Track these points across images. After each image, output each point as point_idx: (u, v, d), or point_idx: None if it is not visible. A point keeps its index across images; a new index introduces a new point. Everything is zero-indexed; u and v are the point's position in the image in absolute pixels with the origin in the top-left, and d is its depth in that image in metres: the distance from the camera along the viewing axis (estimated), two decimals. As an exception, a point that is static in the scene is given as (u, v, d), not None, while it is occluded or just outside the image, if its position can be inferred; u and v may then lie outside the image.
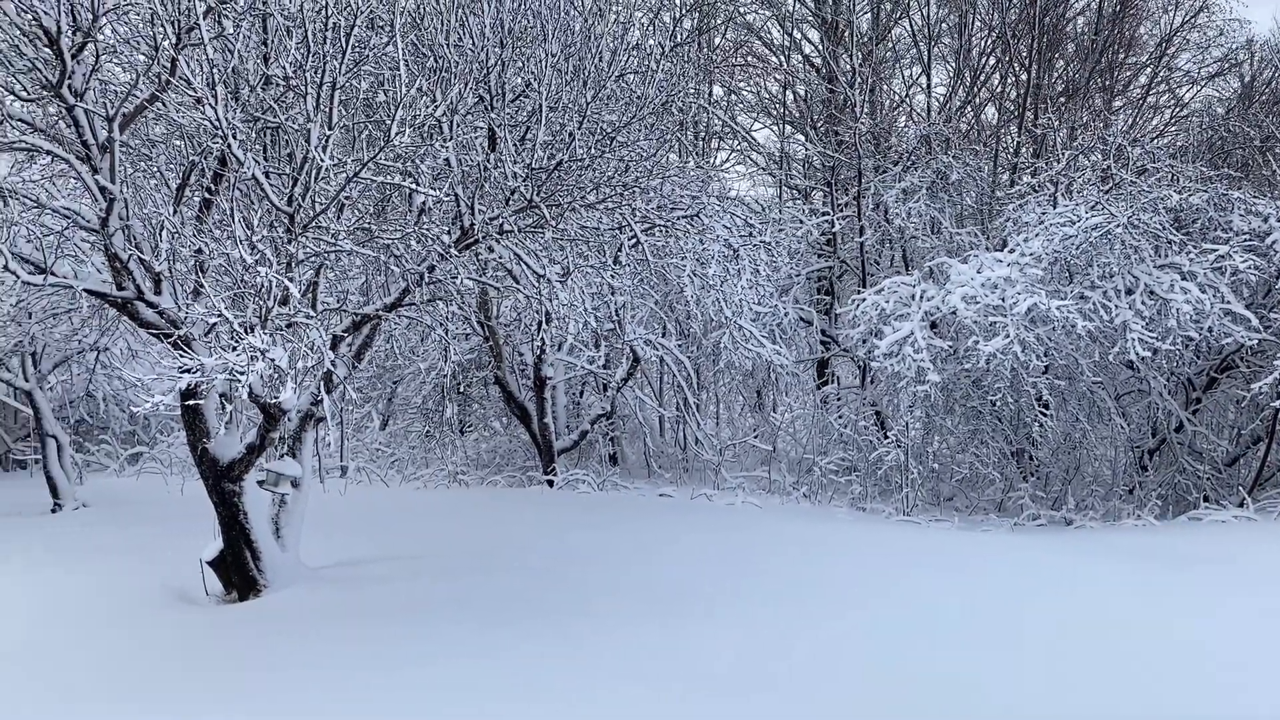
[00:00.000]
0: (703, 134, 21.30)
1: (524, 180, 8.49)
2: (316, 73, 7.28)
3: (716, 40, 21.50)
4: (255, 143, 8.13)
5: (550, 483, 15.13)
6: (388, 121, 7.64)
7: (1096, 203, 13.42)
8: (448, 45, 8.63)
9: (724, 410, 19.17)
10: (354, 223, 8.22)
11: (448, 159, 8.55)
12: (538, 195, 8.50)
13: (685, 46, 19.48)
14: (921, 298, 13.64)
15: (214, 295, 6.89)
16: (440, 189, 8.46)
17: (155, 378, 7.04)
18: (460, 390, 17.79)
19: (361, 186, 8.35)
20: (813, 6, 20.32)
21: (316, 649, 7.48)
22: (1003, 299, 12.99)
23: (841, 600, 8.55)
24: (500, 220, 8.50)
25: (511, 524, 11.91)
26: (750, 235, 15.50)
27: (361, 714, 6.46)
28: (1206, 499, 14.22)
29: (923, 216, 17.28)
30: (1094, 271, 13.25)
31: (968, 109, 20.12)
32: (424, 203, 8.69)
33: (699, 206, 13.40)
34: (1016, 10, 18.31)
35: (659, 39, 17.06)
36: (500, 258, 9.84)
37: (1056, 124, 16.63)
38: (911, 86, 21.39)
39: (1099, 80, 19.23)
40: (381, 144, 7.56)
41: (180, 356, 6.71)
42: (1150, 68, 21.03)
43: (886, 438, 14.97)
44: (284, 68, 7.71)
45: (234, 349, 6.50)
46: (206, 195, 8.34)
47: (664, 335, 16.02)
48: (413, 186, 8.31)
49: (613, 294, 14.20)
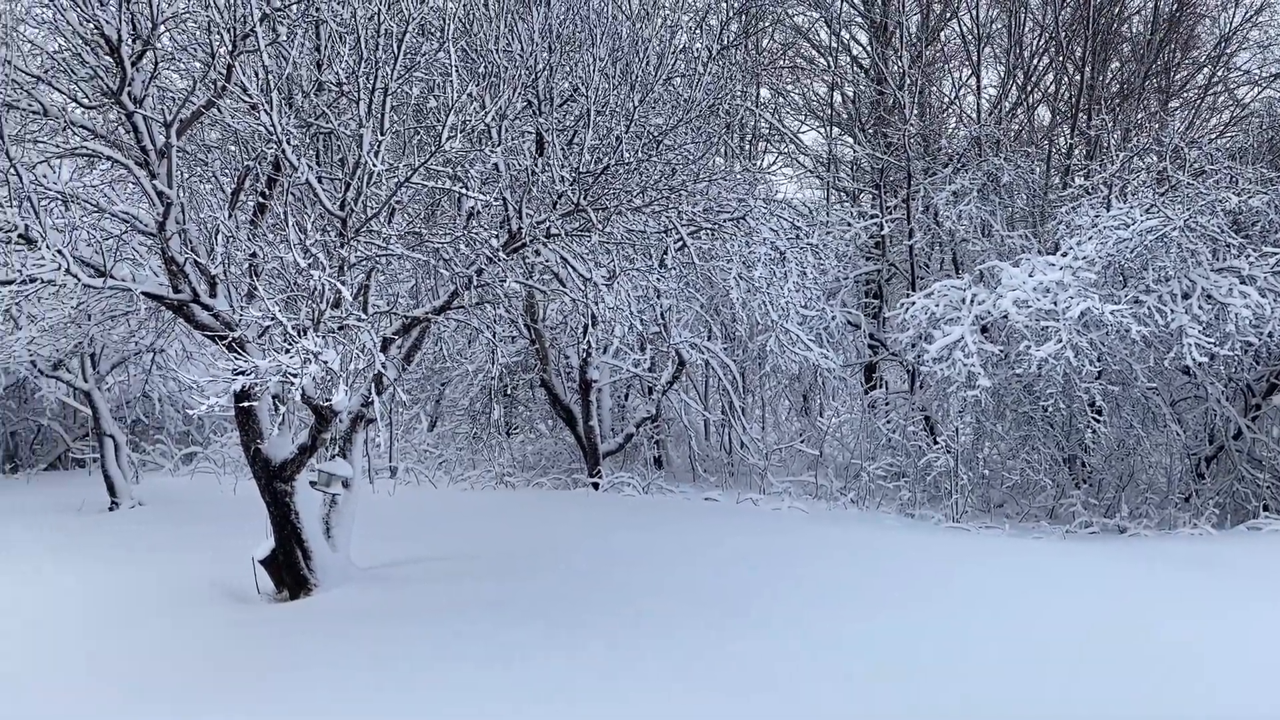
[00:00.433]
0: (749, 137, 21.23)
1: (571, 184, 8.53)
2: (369, 79, 7.37)
3: (764, 43, 21.42)
4: (308, 148, 8.25)
5: (595, 485, 15.16)
6: (438, 127, 7.72)
7: (1152, 205, 13.18)
8: (497, 51, 8.69)
9: (770, 414, 19.08)
10: (405, 227, 8.31)
11: (496, 164, 8.62)
12: (584, 199, 8.53)
13: (732, 49, 19.44)
14: (972, 301, 13.47)
15: (268, 298, 7.00)
16: (489, 193, 8.53)
17: (210, 379, 7.16)
18: (507, 392, 17.90)
19: (412, 191, 8.44)
20: (861, 8, 20.18)
21: (366, 649, 7.56)
22: (1055, 303, 12.79)
23: (887, 605, 8.48)
24: (547, 224, 8.55)
25: (557, 526, 11.95)
26: (797, 238, 15.42)
27: (409, 715, 6.51)
28: (1266, 508, 13.89)
29: (973, 219, 17.07)
30: (1149, 275, 13.00)
31: (1019, 110, 19.85)
32: (473, 207, 8.76)
33: (745, 209, 13.35)
34: (1070, 10, 18.03)
35: (706, 42, 17.05)
36: (547, 261, 9.89)
37: (1111, 125, 16.35)
38: (961, 88, 21.15)
39: (1155, 80, 18.88)
40: (432, 149, 7.64)
41: (235, 358, 6.82)
42: (1208, 67, 20.59)
43: (936, 443, 14.81)
44: (337, 74, 7.82)
45: (287, 351, 6.59)
46: (261, 200, 8.48)
47: (709, 338, 15.99)
48: (462, 191, 8.38)
49: (658, 297, 14.20)
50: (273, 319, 6.84)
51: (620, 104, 8.98)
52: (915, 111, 18.38)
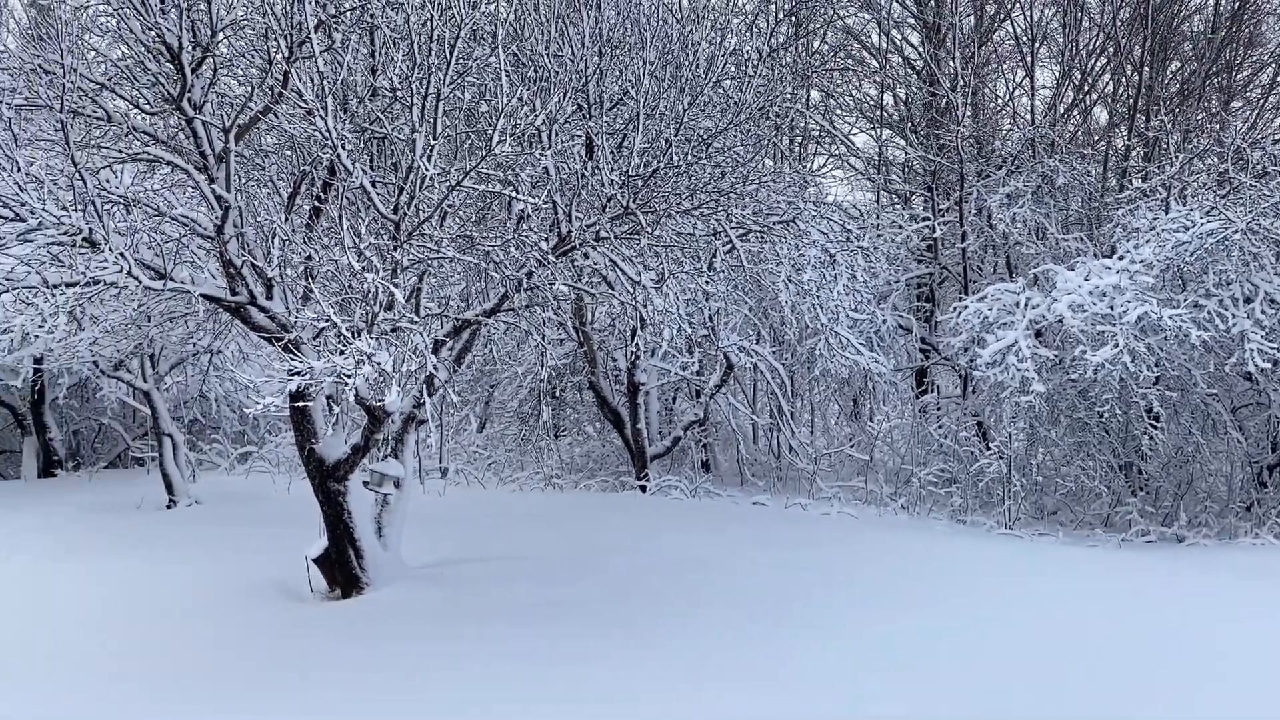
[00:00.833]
0: (799, 139, 21.13)
1: (620, 187, 8.55)
2: (422, 84, 7.45)
3: (814, 44, 21.31)
4: (363, 153, 8.36)
5: (643, 488, 15.17)
6: (489, 131, 7.79)
7: (1213, 208, 12.91)
8: (547, 55, 8.75)
9: (819, 418, 18.97)
10: (456, 230, 8.39)
11: (546, 167, 8.67)
12: (634, 202, 8.55)
13: (782, 51, 19.37)
14: (1026, 305, 13.30)
15: (323, 300, 7.11)
16: (539, 197, 8.58)
17: (266, 380, 7.29)
18: (555, 395, 17.98)
19: (463, 195, 8.52)
20: (914, 9, 20.00)
21: (417, 648, 7.64)
22: (1111, 307, 12.58)
23: (939, 611, 8.39)
24: (597, 227, 8.58)
25: (606, 529, 11.98)
26: (848, 241, 15.32)
27: (459, 715, 6.57)
28: (1331, 518, 13.51)
29: (1027, 222, 16.84)
30: (1209, 279, 12.74)
31: (1075, 111, 19.54)
32: (523, 210, 8.82)
33: (795, 212, 13.30)
34: (1128, 9, 17.72)
35: (756, 44, 17.01)
36: (596, 264, 9.93)
37: (1170, 126, 16.03)
38: (1015, 89, 20.87)
39: (1216, 80, 18.46)
40: (483, 153, 7.71)
41: (290, 360, 6.93)
42: (1272, 66, 20.10)
43: (988, 449, 14.63)
44: (391, 79, 7.92)
45: (342, 353, 6.69)
46: (316, 204, 8.61)
47: (758, 342, 15.94)
48: (513, 194, 8.44)
49: (707, 300, 14.18)
50: (328, 321, 6.94)
51: (670, 107, 8.99)
52: (968, 113, 18.17)
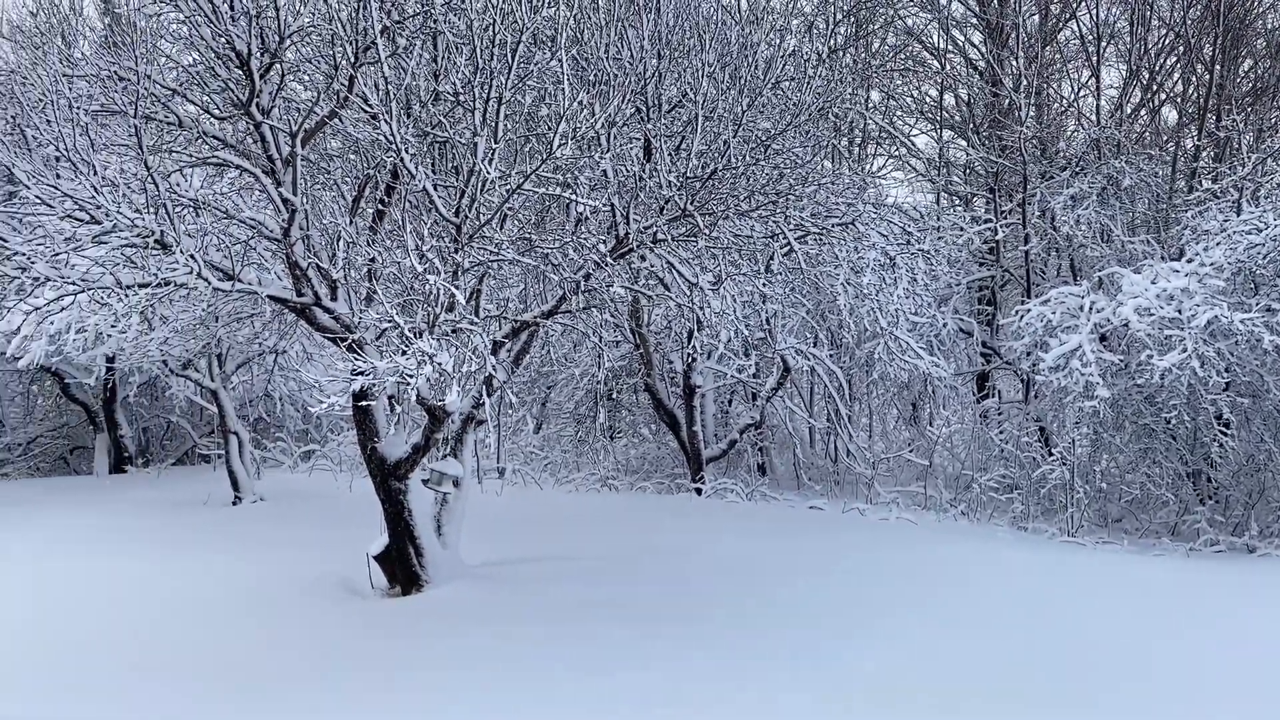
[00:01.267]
0: (859, 140, 20.96)
1: (678, 189, 8.56)
2: (484, 88, 7.53)
3: (874, 45, 21.12)
4: (425, 156, 8.48)
5: (698, 491, 15.15)
6: (549, 134, 7.86)
7: (1287, 209, 12.55)
8: (607, 58, 8.79)
9: (877, 423, 18.78)
10: (515, 232, 8.48)
11: (605, 170, 8.72)
12: (691, 204, 8.56)
13: (842, 52, 19.23)
14: (1091, 309, 13.05)
15: (386, 301, 7.23)
16: (597, 199, 8.63)
17: (330, 379, 7.42)
18: (611, 396, 18.03)
19: (523, 197, 8.60)
20: (976, 9, 19.74)
21: (476, 646, 7.73)
22: (1179, 311, 12.30)
23: (1002, 626, 8.25)
24: (654, 229, 8.60)
25: (661, 531, 11.99)
26: (908, 243, 15.15)
27: (516, 714, 6.62)
28: None
29: (1092, 224, 16.51)
30: (1283, 282, 12.39)
31: (1142, 112, 19.12)
32: (581, 213, 8.88)
33: (854, 214, 13.20)
34: (1200, 6, 17.30)
35: (815, 45, 16.91)
36: (652, 266, 9.95)
37: (1242, 126, 15.62)
38: (1080, 89, 20.48)
39: (1291, 78, 17.95)
40: (543, 156, 7.77)
41: (354, 360, 7.06)
42: (1350, 63, 19.47)
43: (1051, 455, 14.37)
44: (453, 84, 8.03)
45: (404, 353, 6.79)
46: (380, 207, 8.75)
47: (815, 345, 15.83)
48: (571, 197, 8.50)
49: (764, 302, 14.13)
50: (390, 322, 7.06)
51: (728, 109, 8.98)
52: (1031, 113, 17.88)
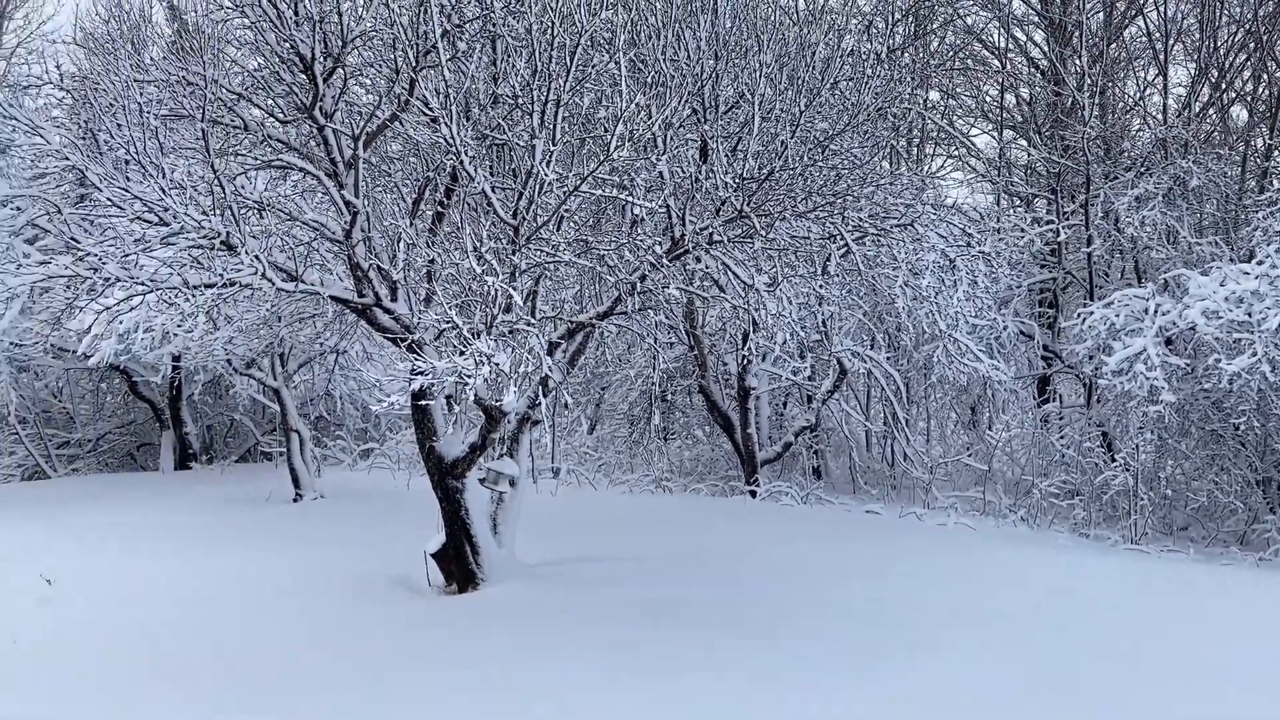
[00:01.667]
0: (917, 140, 20.73)
1: (734, 190, 8.54)
2: (542, 91, 7.59)
3: (934, 44, 20.88)
4: (483, 159, 8.56)
5: (753, 493, 15.10)
6: (606, 136, 7.88)
7: (1364, 209, 12.18)
8: (663, 60, 8.80)
9: (935, 426, 18.55)
10: (572, 234, 8.52)
11: (661, 171, 8.73)
12: (748, 205, 8.54)
13: (901, 51, 19.03)
14: (1156, 312, 12.78)
15: (444, 302, 7.30)
16: (653, 200, 8.64)
17: (389, 379, 7.53)
18: (665, 398, 18.03)
19: (579, 199, 8.65)
20: (1038, 6, 19.42)
21: (532, 643, 7.77)
22: (1249, 314, 12.00)
23: (1067, 635, 8.09)
24: (710, 230, 8.59)
25: (717, 533, 11.97)
26: (968, 245, 14.95)
27: (572, 715, 6.64)
28: None
29: (1157, 225, 16.14)
30: (1360, 285, 12.02)
31: (1211, 110, 18.66)
32: (637, 214, 8.90)
33: (913, 215, 13.05)
34: (1272, 2, 16.84)
35: (874, 44, 16.76)
36: (707, 267, 9.93)
37: (1316, 124, 15.19)
38: (1146, 88, 20.05)
39: (1368, 75, 17.39)
40: (600, 158, 7.80)
41: (413, 360, 7.15)
42: None
43: (1114, 460, 14.09)
44: (512, 87, 8.09)
45: (462, 353, 6.86)
46: (439, 209, 8.86)
47: (872, 347, 15.68)
48: (628, 198, 8.52)
49: (820, 304, 14.03)
50: (449, 322, 7.14)
51: (785, 109, 8.94)
52: (1095, 113, 17.54)
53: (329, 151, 8.28)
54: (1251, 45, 17.43)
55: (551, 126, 7.58)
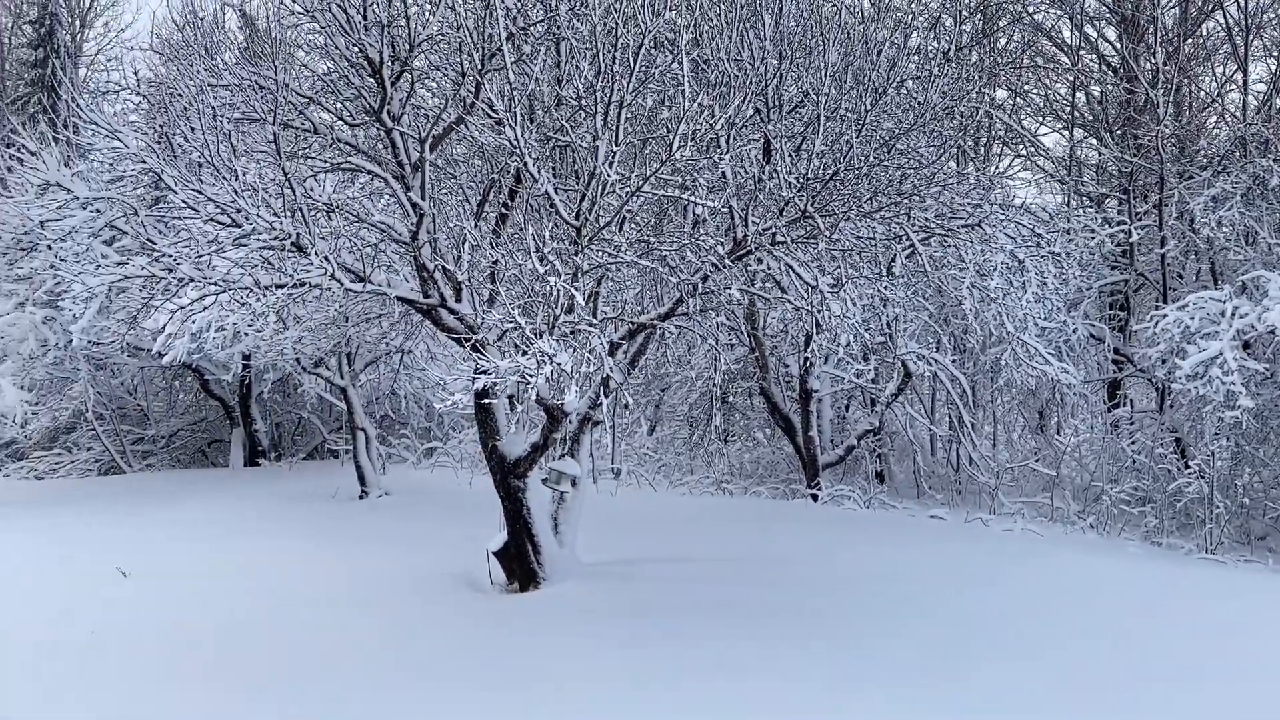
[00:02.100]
0: (984, 139, 20.39)
1: (798, 191, 8.48)
2: (605, 92, 7.60)
3: (1002, 41, 20.53)
4: (547, 160, 8.61)
5: (814, 497, 14.97)
6: (668, 136, 7.88)
7: None
8: (727, 60, 8.77)
9: (1002, 431, 18.22)
10: (634, 235, 8.53)
11: (724, 171, 8.69)
12: (812, 205, 8.46)
13: (968, 50, 18.74)
14: (1233, 315, 12.41)
15: (507, 303, 7.36)
16: (716, 201, 8.61)
17: (453, 378, 7.61)
18: (725, 399, 17.97)
19: (642, 200, 8.65)
20: (1110, 3, 18.99)
21: (594, 642, 7.79)
22: (1334, 317, 11.60)
23: (1141, 644, 7.89)
24: (773, 230, 8.54)
25: (777, 536, 11.89)
26: (1037, 246, 14.66)
27: (631, 715, 6.64)
28: None
29: (1235, 226, 15.67)
30: None
31: (1293, 106, 18.08)
32: (699, 215, 8.88)
33: (981, 215, 12.84)
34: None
35: (941, 42, 16.53)
36: (770, 268, 9.86)
37: (1406, 120, 14.63)
38: (1225, 84, 19.49)
39: None
40: (663, 159, 7.79)
41: (477, 359, 7.21)
42: None
43: (1188, 467, 13.71)
44: (576, 88, 8.12)
45: (525, 353, 6.91)
46: (503, 210, 8.93)
47: (938, 349, 15.46)
48: (690, 199, 8.50)
49: (885, 305, 13.87)
50: (512, 323, 7.19)
51: (850, 109, 8.85)
52: (1170, 111, 17.10)
53: (396, 154, 8.39)
54: (1336, 39, 16.87)
55: (615, 127, 7.59)
